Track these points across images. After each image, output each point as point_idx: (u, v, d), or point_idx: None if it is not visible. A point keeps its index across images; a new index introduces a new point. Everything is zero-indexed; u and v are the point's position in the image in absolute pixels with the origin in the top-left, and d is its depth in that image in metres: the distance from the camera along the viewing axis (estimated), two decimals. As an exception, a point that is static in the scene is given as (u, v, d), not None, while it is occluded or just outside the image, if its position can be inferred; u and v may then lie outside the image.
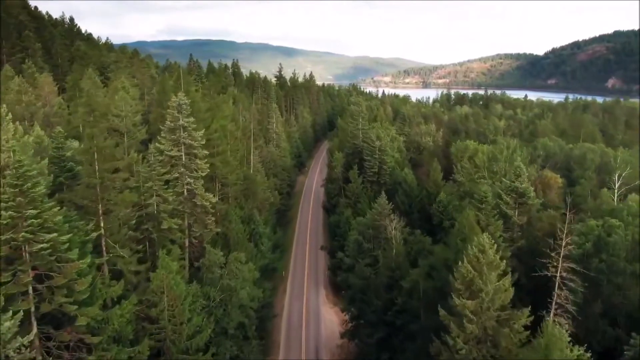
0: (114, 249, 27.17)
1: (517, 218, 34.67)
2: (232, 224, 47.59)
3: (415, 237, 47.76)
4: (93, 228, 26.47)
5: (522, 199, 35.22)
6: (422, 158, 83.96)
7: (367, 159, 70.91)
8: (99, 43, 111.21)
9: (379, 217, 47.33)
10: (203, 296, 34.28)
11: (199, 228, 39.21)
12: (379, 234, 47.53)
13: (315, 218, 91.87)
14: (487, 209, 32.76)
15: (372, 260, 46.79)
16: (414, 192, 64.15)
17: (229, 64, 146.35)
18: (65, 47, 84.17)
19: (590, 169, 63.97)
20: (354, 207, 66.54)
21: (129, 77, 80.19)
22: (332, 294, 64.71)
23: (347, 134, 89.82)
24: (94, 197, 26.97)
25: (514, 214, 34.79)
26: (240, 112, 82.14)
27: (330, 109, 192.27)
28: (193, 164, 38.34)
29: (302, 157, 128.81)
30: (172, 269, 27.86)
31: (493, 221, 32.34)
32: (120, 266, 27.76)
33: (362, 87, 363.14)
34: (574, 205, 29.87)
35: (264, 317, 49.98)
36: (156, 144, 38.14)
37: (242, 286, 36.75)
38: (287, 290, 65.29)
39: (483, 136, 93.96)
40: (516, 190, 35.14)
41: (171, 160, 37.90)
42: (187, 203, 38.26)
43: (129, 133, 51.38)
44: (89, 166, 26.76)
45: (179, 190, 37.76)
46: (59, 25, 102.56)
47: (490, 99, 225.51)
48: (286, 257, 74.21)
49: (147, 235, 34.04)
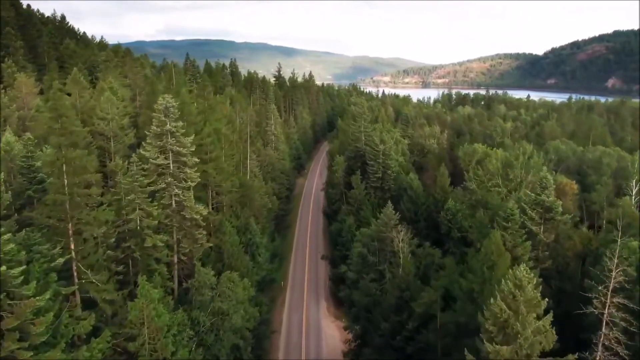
0: (87, 274, 23.51)
1: (543, 235, 31.05)
2: (227, 235, 43.97)
3: (424, 249, 44.23)
4: (60, 252, 22.83)
5: (548, 214, 31.62)
6: (427, 161, 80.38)
7: (371, 164, 67.28)
8: (91, 42, 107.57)
9: (385, 228, 43.77)
10: (192, 322, 30.68)
11: (189, 243, 35.56)
12: (385, 247, 43.97)
13: (315, 223, 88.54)
14: (513, 228, 29.06)
15: (377, 275, 43.27)
16: (420, 198, 60.57)
17: (227, 64, 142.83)
18: (54, 45, 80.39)
19: (606, 174, 60.38)
20: (357, 215, 62.91)
21: (121, 77, 76.65)
22: (334, 306, 61.17)
23: (349, 136, 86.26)
24: (63, 215, 23.34)
25: (540, 230, 31.19)
26: (238, 114, 78.55)
27: (330, 110, 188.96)
28: (182, 173, 34.69)
29: (301, 159, 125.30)
30: (153, 297, 24.25)
31: (520, 242, 28.72)
32: (93, 294, 24.13)
33: (361, 87, 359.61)
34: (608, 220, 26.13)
35: (260, 335, 46.39)
36: (140, 151, 34.50)
37: (236, 309, 33.11)
38: (286, 302, 61.79)
39: (489, 138, 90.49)
40: (542, 204, 31.54)
41: (157, 169, 34.28)
42: (175, 216, 34.63)
43: (115, 137, 47.78)
44: (56, 180, 23.13)
45: (166, 202, 34.12)
46: (49, 24, 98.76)
47: (492, 99, 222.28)
48: (285, 266, 70.81)
49: (129, 254, 30.40)
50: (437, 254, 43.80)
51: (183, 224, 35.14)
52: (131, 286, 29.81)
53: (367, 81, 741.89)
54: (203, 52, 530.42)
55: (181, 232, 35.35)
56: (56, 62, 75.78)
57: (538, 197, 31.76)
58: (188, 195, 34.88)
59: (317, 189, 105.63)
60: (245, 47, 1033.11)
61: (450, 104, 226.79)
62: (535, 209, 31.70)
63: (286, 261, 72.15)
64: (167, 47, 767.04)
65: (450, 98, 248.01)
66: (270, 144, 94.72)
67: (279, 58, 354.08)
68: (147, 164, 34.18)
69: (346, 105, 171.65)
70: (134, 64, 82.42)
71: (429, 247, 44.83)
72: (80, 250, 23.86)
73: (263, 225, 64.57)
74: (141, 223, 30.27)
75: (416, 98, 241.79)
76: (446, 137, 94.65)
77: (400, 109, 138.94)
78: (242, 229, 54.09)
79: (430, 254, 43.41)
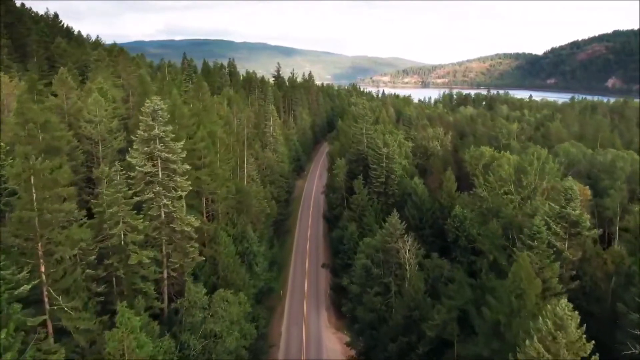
0: (58, 300, 20.71)
1: (568, 253, 28.17)
2: (222, 246, 41.18)
3: (431, 260, 41.49)
4: (28, 276, 20.02)
5: (575, 228, 28.77)
6: (431, 164, 77.61)
7: (373, 167, 64.45)
8: (85, 41, 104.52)
9: (390, 238, 41.00)
10: (181, 345, 27.90)
11: (179, 258, 32.73)
12: (390, 258, 41.20)
13: (315, 227, 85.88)
14: (540, 248, 26.11)
15: (382, 289, 40.50)
16: (425, 204, 57.79)
17: (225, 64, 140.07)
18: (44, 44, 77.46)
19: (620, 179, 57.63)
20: (359, 221, 60.08)
21: (114, 77, 73.81)
22: (335, 316, 58.35)
23: (349, 137, 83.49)
24: (32, 234, 20.54)
25: (565, 247, 28.33)
26: (235, 115, 75.70)
27: (330, 110, 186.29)
28: (171, 182, 31.85)
29: (301, 160, 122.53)
30: (134, 325, 21.46)
31: (548, 263, 25.78)
32: (66, 324, 21.32)
33: (361, 87, 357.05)
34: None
35: (257, 350, 43.66)
36: (127, 158, 31.68)
37: (230, 331, 30.31)
38: (285, 312, 59.00)
39: (495, 140, 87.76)
40: (567, 218, 28.69)
41: (145, 178, 31.45)
42: (164, 229, 31.81)
43: (104, 141, 44.93)
44: (24, 194, 20.32)
45: (154, 214, 31.29)
46: (41, 22, 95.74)
47: (493, 100, 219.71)
48: (284, 274, 68.06)
49: (112, 272, 27.59)
50: (445, 265, 41.10)
51: (173, 237, 32.33)
52: (115, 307, 27.02)
53: (366, 81, 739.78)
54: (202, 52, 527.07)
55: (171, 245, 32.53)
56: (46, 62, 73.04)
57: (563, 209, 28.90)
58: (178, 206, 32.03)
59: (317, 192, 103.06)
60: (244, 47, 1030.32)
61: (451, 104, 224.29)
62: (560, 223, 28.87)
63: (285, 269, 69.41)
64: (166, 47, 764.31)
65: (451, 98, 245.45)
66: (269, 145, 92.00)
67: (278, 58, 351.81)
68: (134, 172, 31.36)
69: (346, 105, 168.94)
70: (128, 64, 79.40)
71: (437, 259, 42.08)
72: (51, 273, 21.03)
73: (261, 231, 61.84)
74: (125, 238, 27.46)
75: (417, 98, 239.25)
76: (450, 139, 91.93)
77: (401, 110, 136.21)
78: (239, 238, 51.34)
79: (438, 266, 40.68)
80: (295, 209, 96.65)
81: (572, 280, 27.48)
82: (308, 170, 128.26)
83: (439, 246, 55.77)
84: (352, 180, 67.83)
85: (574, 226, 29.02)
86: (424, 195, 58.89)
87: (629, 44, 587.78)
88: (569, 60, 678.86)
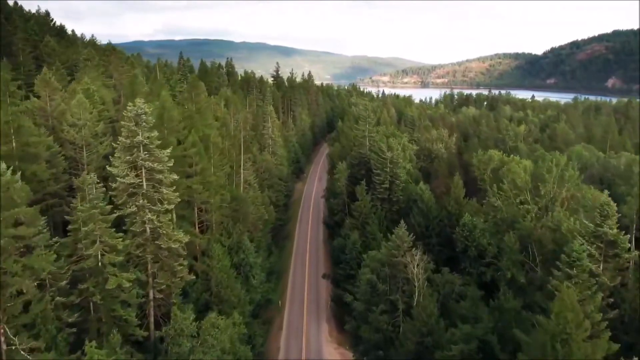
0: (14, 341, 17.55)
1: (606, 277, 24.91)
2: (215, 260, 38.06)
3: (442, 276, 38.39)
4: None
5: (611, 249, 25.54)
6: (435, 168, 74.51)
7: (377, 172, 61.23)
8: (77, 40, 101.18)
9: (397, 252, 37.88)
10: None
11: (166, 278, 29.55)
12: (397, 273, 38.09)
13: (315, 233, 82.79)
14: (581, 277, 22.69)
15: (389, 307, 37.36)
16: (431, 212, 54.70)
17: (223, 64, 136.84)
18: (33, 43, 74.19)
19: (637, 185, 54.60)
20: (362, 230, 56.88)
21: (104, 77, 70.65)
22: (336, 329, 55.20)
23: (350, 140, 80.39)
24: (-16, 263, 17.39)
25: (600, 270, 25.09)
26: (232, 116, 72.49)
27: (330, 110, 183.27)
28: (157, 194, 28.67)
29: (300, 162, 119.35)
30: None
31: (590, 295, 22.37)
32: (26, 368, 18.19)
33: (360, 86, 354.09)
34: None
35: (255, 370, 40.59)
36: (107, 167, 28.51)
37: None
38: (284, 325, 55.84)
39: (501, 142, 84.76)
40: (603, 238, 25.48)
41: (127, 189, 28.27)
42: (149, 246, 28.62)
43: (88, 146, 41.75)
44: (-26, 216, 17.17)
45: (138, 230, 28.11)
46: (31, 20, 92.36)
47: (495, 100, 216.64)
48: (283, 283, 64.95)
49: (87, 297, 24.43)
50: (457, 280, 38.02)
51: (159, 255, 29.14)
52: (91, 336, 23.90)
53: (366, 81, 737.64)
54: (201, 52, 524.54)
55: (157, 264, 29.34)
56: (34, 61, 69.81)
57: (599, 228, 25.65)
58: (165, 220, 28.84)
59: (317, 195, 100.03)
60: (243, 47, 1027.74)
61: (452, 104, 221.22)
62: (595, 243, 25.64)
63: (284, 278, 66.30)
64: (165, 47, 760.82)
65: (452, 98, 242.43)
66: (267, 148, 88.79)
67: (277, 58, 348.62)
68: (115, 183, 28.21)
69: (346, 106, 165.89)
70: (121, 63, 76.19)
71: (448, 273, 38.95)
72: (8, 308, 17.87)
73: (259, 239, 58.69)
74: (102, 259, 24.30)
75: (417, 98, 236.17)
76: (454, 141, 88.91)
77: (402, 110, 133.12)
78: (235, 248, 48.16)
79: (449, 282, 37.61)
80: (294, 213, 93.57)
81: (610, 308, 24.25)
82: (308, 172, 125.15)
83: (446, 255, 52.74)
84: (353, 185, 64.64)
85: (610, 246, 25.82)
86: (430, 202, 55.81)
87: (628, 44, 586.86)
88: (569, 60, 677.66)
